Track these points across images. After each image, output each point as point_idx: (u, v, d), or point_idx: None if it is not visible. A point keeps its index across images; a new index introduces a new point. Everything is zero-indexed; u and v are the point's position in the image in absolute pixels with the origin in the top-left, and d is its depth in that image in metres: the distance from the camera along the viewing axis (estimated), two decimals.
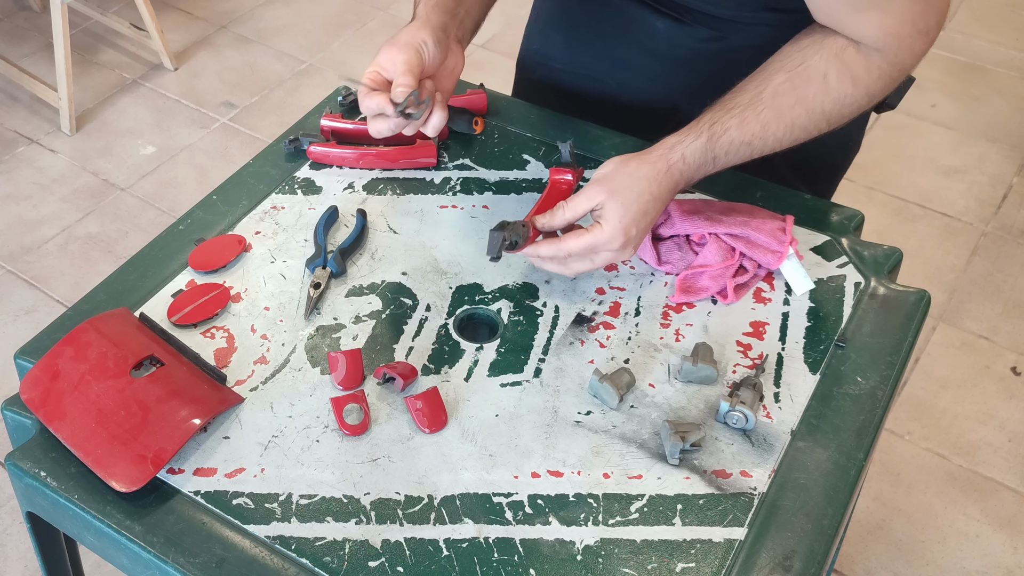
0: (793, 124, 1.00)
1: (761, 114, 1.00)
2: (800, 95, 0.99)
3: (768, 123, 1.00)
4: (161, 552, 0.86)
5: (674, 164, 1.01)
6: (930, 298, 1.08)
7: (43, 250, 2.36)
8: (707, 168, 1.02)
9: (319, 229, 1.12)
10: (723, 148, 1.01)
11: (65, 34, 2.52)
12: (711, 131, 1.01)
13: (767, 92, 1.00)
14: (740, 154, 1.02)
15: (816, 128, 1.02)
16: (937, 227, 2.44)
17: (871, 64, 0.98)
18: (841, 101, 1.00)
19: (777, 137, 1.01)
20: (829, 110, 1.00)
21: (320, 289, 1.06)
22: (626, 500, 0.90)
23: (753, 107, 1.00)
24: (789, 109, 0.99)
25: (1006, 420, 1.99)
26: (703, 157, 1.01)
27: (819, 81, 0.99)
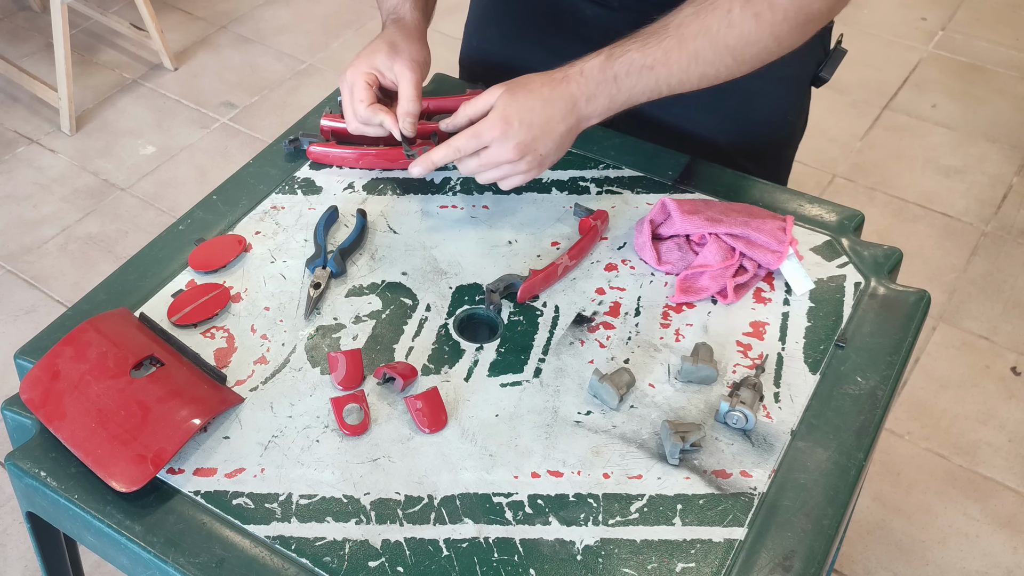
0: (696, 54, 1.00)
1: (664, 41, 1.01)
2: (703, 25, 1.00)
3: (670, 50, 1.01)
4: (161, 552, 0.86)
5: (570, 75, 1.03)
6: (930, 298, 1.08)
7: (43, 250, 2.36)
8: (608, 87, 1.02)
9: (319, 229, 1.12)
10: (623, 67, 1.01)
11: (65, 34, 2.52)
12: (611, 51, 1.02)
13: (673, 22, 1.02)
14: (644, 80, 1.02)
15: (722, 63, 1.01)
16: (937, 227, 2.44)
17: (775, 3, 0.98)
18: (745, 37, 1.00)
19: (681, 66, 1.01)
20: (732, 44, 1.00)
21: (320, 289, 1.06)
22: (626, 500, 0.90)
23: (656, 34, 1.02)
24: (692, 39, 1.00)
25: (1006, 420, 1.99)
26: (601, 74, 1.02)
27: (723, 13, 0.99)
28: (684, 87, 1.03)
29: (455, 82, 1.38)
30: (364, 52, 1.14)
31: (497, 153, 1.02)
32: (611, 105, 1.04)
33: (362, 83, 1.11)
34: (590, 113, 1.04)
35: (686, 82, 1.03)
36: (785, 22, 0.99)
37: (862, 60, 2.96)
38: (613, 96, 1.03)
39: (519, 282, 1.06)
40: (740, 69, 1.03)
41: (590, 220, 1.13)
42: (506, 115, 1.02)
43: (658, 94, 1.03)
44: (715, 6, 1.00)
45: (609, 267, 1.11)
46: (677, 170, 1.22)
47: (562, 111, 1.02)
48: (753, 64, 1.03)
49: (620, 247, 1.13)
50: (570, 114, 1.03)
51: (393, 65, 1.12)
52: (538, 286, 1.07)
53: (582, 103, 1.03)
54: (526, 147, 1.02)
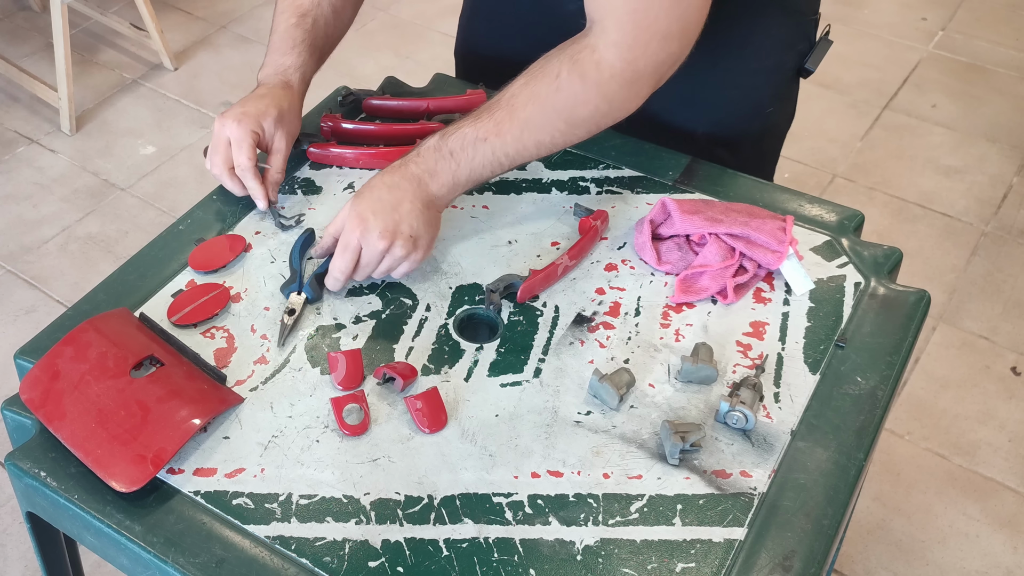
0: (527, 122, 1.03)
1: (495, 113, 1.04)
2: (532, 92, 1.02)
3: (501, 121, 1.03)
4: (161, 552, 0.86)
5: (409, 157, 1.06)
6: (930, 298, 1.08)
7: (43, 250, 2.36)
8: (447, 164, 1.04)
9: (295, 253, 1.10)
10: (457, 142, 1.04)
11: (65, 34, 2.52)
12: (445, 129, 1.06)
13: (505, 95, 1.04)
14: (480, 153, 1.04)
15: (555, 128, 1.03)
16: (937, 227, 2.44)
17: (602, 62, 0.99)
18: (574, 98, 1.01)
19: (513, 135, 1.03)
20: (561, 108, 1.02)
21: (295, 316, 1.04)
22: (626, 500, 0.90)
23: (489, 108, 1.05)
24: (522, 107, 1.02)
25: (1006, 420, 1.99)
26: (437, 152, 1.05)
27: (551, 79, 1.01)
28: (523, 156, 1.05)
29: (455, 82, 1.38)
30: (253, 106, 1.16)
31: (369, 251, 1.04)
32: (455, 181, 1.05)
33: (250, 141, 1.15)
34: (437, 190, 1.05)
35: (523, 151, 1.04)
36: (612, 80, 1.00)
37: (862, 60, 2.96)
38: (455, 172, 1.05)
39: (519, 282, 1.06)
40: (575, 133, 1.05)
41: (590, 220, 1.13)
42: (358, 213, 1.04)
43: (499, 166, 1.05)
44: (544, 72, 1.02)
45: (609, 267, 1.11)
46: (677, 170, 1.22)
47: (410, 191, 1.04)
48: (589, 128, 1.05)
49: (620, 247, 1.13)
50: (418, 191, 1.04)
51: (275, 132, 1.16)
52: (538, 286, 1.07)
53: (427, 179, 1.05)
54: (390, 232, 1.03)
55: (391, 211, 1.03)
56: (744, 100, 1.28)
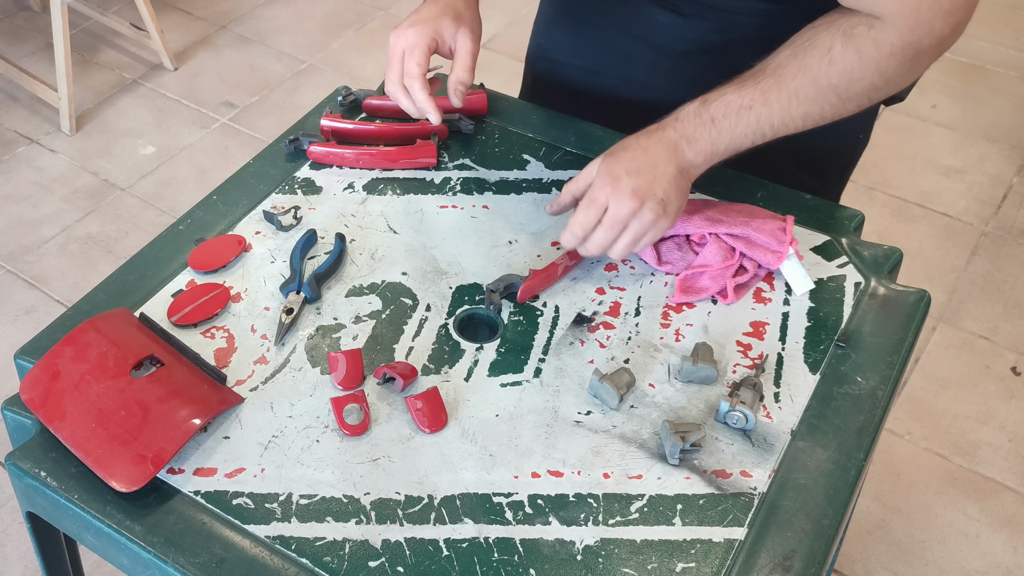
0: (796, 92, 0.98)
1: (761, 82, 0.99)
2: (802, 64, 0.97)
3: (768, 90, 0.98)
4: (161, 552, 0.86)
5: (666, 122, 1.01)
6: (930, 298, 1.08)
7: (43, 250, 2.36)
8: (707, 130, 1.00)
9: (295, 253, 1.10)
10: (719, 109, 0.99)
11: (65, 34, 2.52)
12: (706, 96, 1.01)
13: (771, 65, 1.00)
14: (743, 121, 0.99)
15: (826, 101, 0.99)
16: (937, 227, 2.44)
17: (880, 38, 0.94)
18: (848, 74, 0.96)
19: (781, 105, 0.98)
20: (836, 83, 0.97)
21: (292, 315, 1.04)
22: (626, 500, 0.90)
23: (754, 76, 1.00)
24: (791, 77, 0.98)
25: (1006, 420, 1.99)
26: (697, 117, 1.00)
27: (823, 52, 0.97)
28: (788, 127, 1.00)
29: None
30: (426, 15, 1.11)
31: (617, 209, 0.99)
32: (714, 149, 1.01)
33: (424, 47, 1.09)
34: (693, 158, 1.01)
35: (789, 122, 1.00)
36: (892, 58, 0.95)
37: None
38: (714, 139, 1.00)
39: (519, 282, 1.06)
40: (847, 107, 1.00)
41: None
42: (611, 172, 0.99)
43: (762, 136, 1.00)
44: (815, 45, 0.97)
45: (609, 267, 1.11)
46: None
47: (665, 154, 1.00)
48: (860, 102, 1.00)
49: None
50: (673, 156, 1.00)
51: (456, 33, 1.11)
52: (538, 286, 1.07)
53: (683, 145, 1.00)
54: (643, 192, 0.98)
55: (645, 171, 0.98)
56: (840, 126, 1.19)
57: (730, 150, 1.02)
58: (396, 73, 1.11)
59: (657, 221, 1.00)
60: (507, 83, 1.46)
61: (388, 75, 1.12)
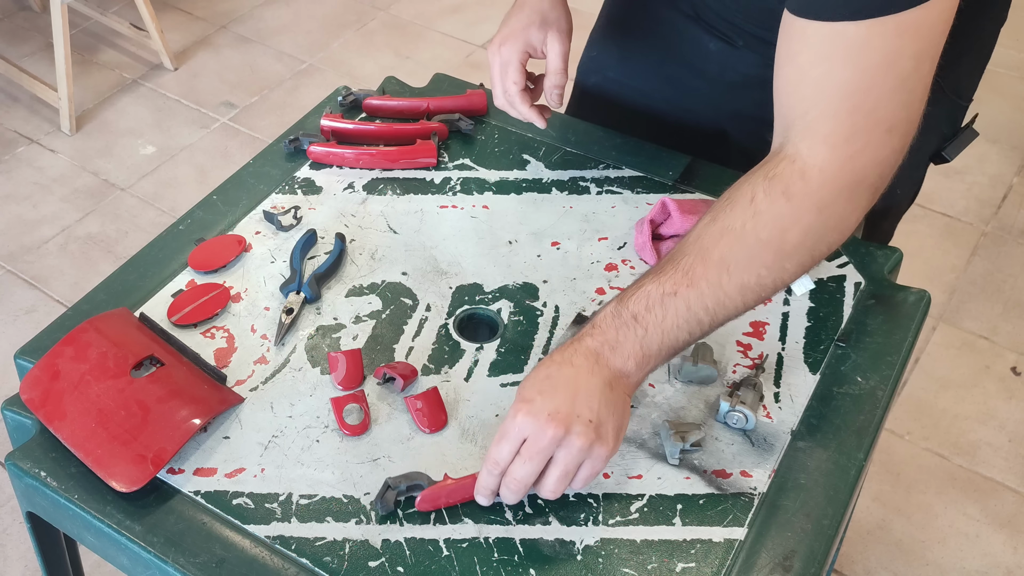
0: (723, 261, 0.85)
1: (680, 262, 0.86)
2: (723, 226, 0.85)
3: (691, 267, 0.86)
4: (161, 552, 0.86)
5: (583, 332, 0.88)
6: (930, 298, 1.08)
7: (43, 250, 2.36)
8: (631, 331, 0.86)
9: (295, 253, 1.10)
10: (639, 304, 0.86)
11: (65, 34, 2.52)
12: (622, 293, 0.89)
13: (689, 239, 0.88)
14: (670, 311, 0.85)
15: (758, 262, 0.85)
16: (937, 227, 2.44)
17: (809, 170, 0.83)
18: (778, 221, 0.84)
19: (710, 280, 0.85)
20: (765, 235, 0.84)
21: (292, 315, 1.04)
22: (626, 500, 0.90)
23: (671, 259, 0.87)
24: (713, 246, 0.85)
25: (1006, 420, 1.99)
26: (616, 319, 0.86)
27: (745, 205, 0.85)
28: (727, 307, 0.86)
29: (455, 82, 1.38)
30: (515, 25, 1.13)
31: (537, 438, 0.83)
32: (645, 351, 0.86)
33: (517, 63, 1.12)
34: (622, 365, 0.86)
35: (725, 299, 0.86)
36: (824, 187, 0.83)
37: None
38: (642, 339, 0.86)
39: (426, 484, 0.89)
40: (785, 268, 0.86)
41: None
42: (522, 395, 0.85)
43: (698, 324, 0.86)
44: (732, 202, 0.86)
45: (609, 267, 1.11)
46: (677, 170, 1.22)
47: (586, 367, 0.85)
48: (802, 258, 0.87)
49: (620, 247, 1.13)
50: (596, 367, 0.85)
51: (545, 38, 1.13)
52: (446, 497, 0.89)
53: (607, 353, 0.86)
54: (563, 415, 0.82)
55: (562, 388, 0.84)
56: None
57: (665, 348, 0.87)
58: (499, 89, 1.16)
59: (592, 448, 0.83)
60: None
61: (494, 91, 1.17)
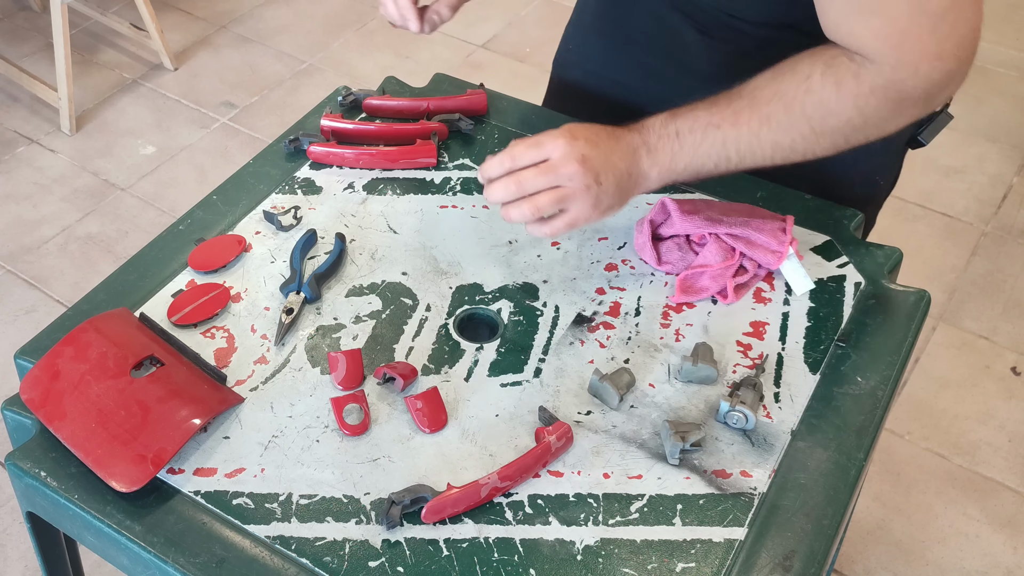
0: (768, 118, 0.94)
1: (734, 102, 0.96)
2: (779, 89, 0.94)
3: (740, 111, 0.95)
4: (161, 552, 0.86)
5: (632, 127, 0.98)
6: (930, 298, 1.08)
7: (43, 250, 2.36)
8: (670, 143, 0.96)
9: (295, 253, 1.10)
10: (686, 123, 0.96)
11: (65, 34, 2.52)
12: (676, 109, 0.98)
13: (748, 87, 0.96)
14: (709, 140, 0.96)
15: (797, 131, 0.95)
16: (937, 227, 2.44)
17: (862, 73, 0.91)
18: (824, 106, 0.93)
19: (751, 128, 0.95)
20: (811, 112, 0.93)
21: (292, 315, 1.04)
22: (626, 500, 0.90)
23: (728, 96, 0.96)
24: (766, 102, 0.94)
25: (1006, 420, 1.99)
26: (663, 128, 0.97)
27: (801, 79, 0.93)
28: (755, 155, 0.96)
29: (455, 81, 1.38)
30: None
31: (560, 163, 0.93)
32: (673, 164, 0.97)
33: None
34: (648, 168, 0.97)
35: (757, 149, 0.95)
36: (872, 95, 0.91)
37: None
38: (675, 153, 0.96)
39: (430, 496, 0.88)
40: (820, 143, 0.95)
41: (545, 432, 0.93)
42: (572, 131, 0.95)
43: (726, 160, 0.96)
44: (794, 71, 0.94)
45: (609, 267, 1.11)
46: None
47: (623, 151, 0.96)
48: (835, 139, 0.95)
49: (620, 247, 1.13)
50: (631, 158, 0.96)
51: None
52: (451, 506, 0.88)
53: (642, 153, 0.97)
54: (590, 165, 0.94)
55: (602, 149, 0.95)
56: (856, 169, 1.20)
57: (690, 169, 0.97)
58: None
59: (585, 201, 0.95)
60: (507, 83, 1.47)
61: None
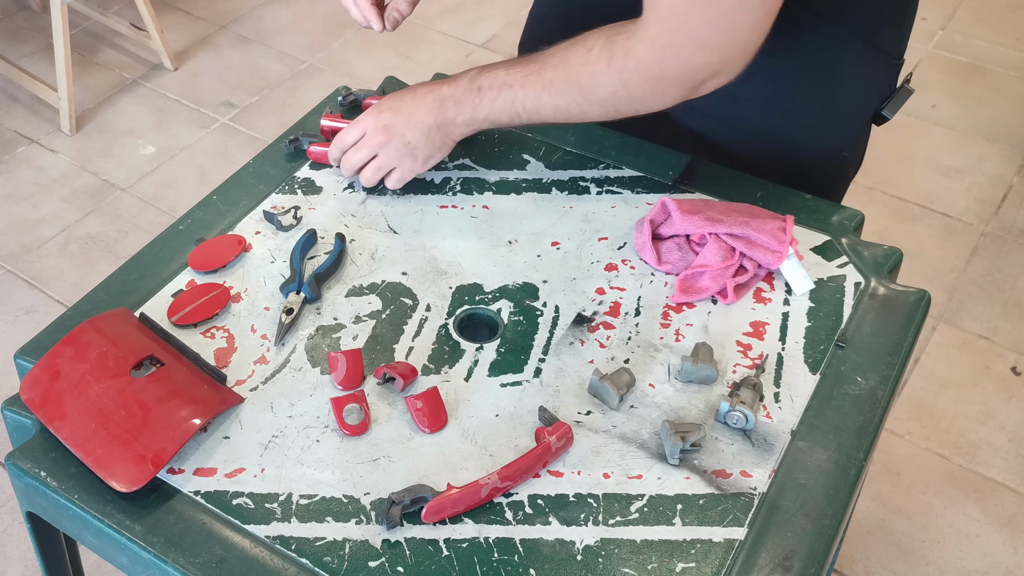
0: (551, 83, 1.04)
1: (529, 65, 1.06)
2: (565, 57, 1.03)
3: (530, 74, 1.05)
4: (161, 552, 0.86)
5: (446, 80, 1.12)
6: (930, 298, 1.08)
7: (43, 250, 2.36)
8: (473, 97, 1.08)
9: (295, 253, 1.10)
10: (488, 80, 1.07)
11: (65, 34, 2.52)
12: (485, 66, 1.09)
13: (547, 52, 1.06)
14: (502, 98, 1.07)
15: (571, 96, 1.04)
16: (937, 227, 2.44)
17: (631, 50, 0.98)
18: (594, 77, 1.01)
19: (535, 91, 1.05)
20: (583, 82, 1.02)
21: (292, 315, 1.04)
22: (626, 500, 0.90)
23: (528, 59, 1.07)
24: (552, 67, 1.04)
25: (1006, 420, 1.99)
26: (470, 83, 1.09)
27: (584, 51, 1.02)
28: (539, 114, 1.06)
29: None
30: None
31: (370, 137, 1.12)
32: (474, 116, 1.09)
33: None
34: (455, 116, 1.10)
35: (540, 109, 1.06)
36: (636, 72, 0.99)
37: None
38: (476, 106, 1.08)
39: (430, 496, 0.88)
40: (592, 110, 1.04)
41: (545, 432, 0.93)
42: (377, 106, 1.14)
43: (516, 116, 1.07)
44: (584, 42, 1.02)
45: (609, 267, 1.11)
46: (677, 170, 1.22)
47: (428, 105, 1.10)
48: (606, 108, 1.04)
49: (620, 247, 1.13)
50: (436, 110, 1.10)
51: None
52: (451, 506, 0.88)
53: (449, 104, 1.09)
54: (392, 130, 1.11)
55: (403, 112, 1.11)
56: (820, 142, 1.23)
57: (489, 121, 1.10)
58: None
59: (402, 159, 1.13)
60: None
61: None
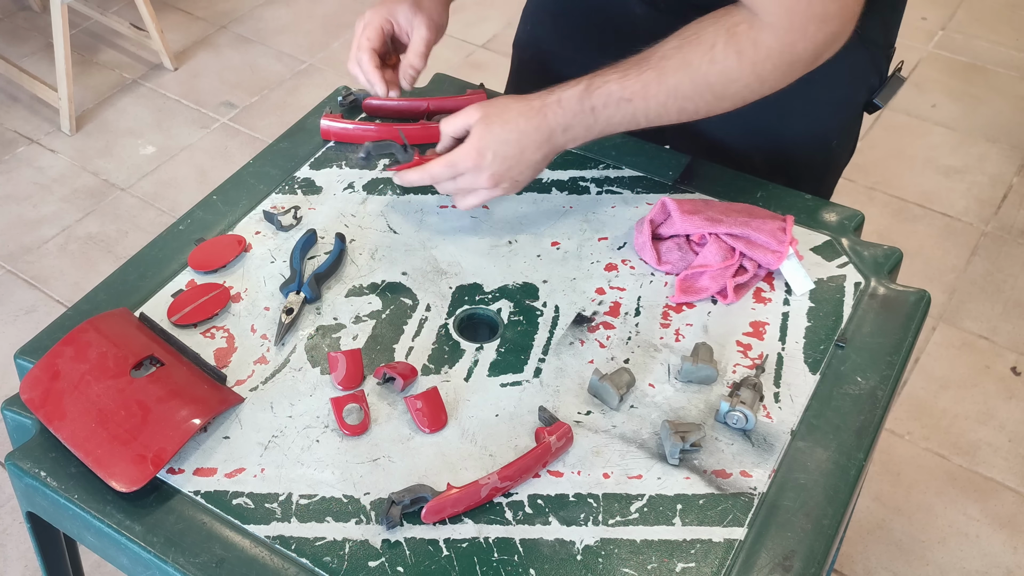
0: (675, 89, 1.00)
1: (644, 73, 1.00)
2: (685, 59, 0.99)
3: (649, 83, 1.00)
4: (161, 552, 0.86)
5: (549, 104, 1.03)
6: (930, 298, 1.08)
7: (43, 250, 2.36)
8: (586, 119, 1.03)
9: (295, 253, 1.10)
10: (601, 99, 1.01)
11: (65, 34, 2.52)
12: (591, 81, 1.02)
13: (656, 55, 1.01)
14: (621, 112, 1.02)
15: (702, 99, 1.01)
16: (937, 227, 2.44)
17: (760, 40, 0.96)
18: (726, 74, 0.99)
19: (659, 100, 1.01)
20: (713, 81, 0.99)
21: (292, 315, 1.04)
22: (626, 500, 0.90)
23: (637, 66, 1.01)
24: (672, 73, 1.00)
25: (1006, 420, 1.99)
26: (579, 105, 1.02)
27: (706, 49, 0.98)
28: (663, 120, 1.03)
29: (455, 82, 1.38)
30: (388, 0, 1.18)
31: (471, 181, 1.05)
32: (588, 135, 1.05)
33: (377, 26, 1.16)
34: (566, 142, 1.05)
35: (664, 115, 1.02)
36: (768, 60, 0.97)
37: None
38: (590, 126, 1.03)
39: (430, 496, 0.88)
40: (721, 105, 1.02)
41: (545, 432, 0.93)
42: (480, 147, 1.03)
43: (636, 125, 1.04)
44: (699, 40, 0.99)
45: (609, 267, 1.11)
46: (677, 170, 1.22)
47: (537, 142, 1.03)
48: (735, 101, 1.02)
49: (620, 247, 1.13)
50: (545, 143, 1.04)
51: (412, 19, 1.16)
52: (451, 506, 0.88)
53: (558, 133, 1.04)
54: (500, 176, 1.04)
55: (511, 157, 1.03)
56: (809, 131, 1.24)
57: (604, 133, 1.05)
58: (353, 47, 1.18)
59: (508, 192, 1.07)
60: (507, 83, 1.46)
61: (350, 55, 1.19)
